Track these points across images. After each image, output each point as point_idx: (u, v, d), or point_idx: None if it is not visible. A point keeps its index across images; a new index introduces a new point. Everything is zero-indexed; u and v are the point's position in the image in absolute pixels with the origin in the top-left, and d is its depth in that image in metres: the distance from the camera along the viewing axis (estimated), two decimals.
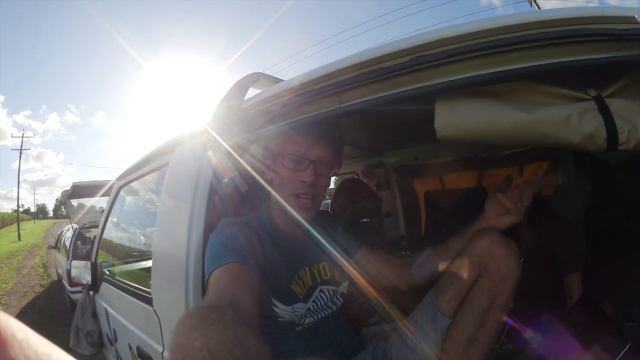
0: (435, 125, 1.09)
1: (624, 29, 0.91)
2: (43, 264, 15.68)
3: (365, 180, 3.60)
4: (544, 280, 2.31)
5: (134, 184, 2.88)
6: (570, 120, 0.99)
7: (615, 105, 0.99)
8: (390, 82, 1.14)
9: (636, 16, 0.89)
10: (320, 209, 1.65)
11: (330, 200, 3.40)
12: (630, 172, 2.34)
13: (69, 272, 6.66)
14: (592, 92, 1.02)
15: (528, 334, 1.93)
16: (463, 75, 1.04)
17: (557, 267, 2.24)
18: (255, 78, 1.59)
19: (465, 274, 1.52)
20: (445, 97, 1.09)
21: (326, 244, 1.61)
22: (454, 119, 1.08)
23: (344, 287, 1.68)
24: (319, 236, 1.59)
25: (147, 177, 2.54)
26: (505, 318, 1.56)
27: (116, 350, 2.60)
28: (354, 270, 1.66)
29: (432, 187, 3.65)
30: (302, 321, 1.49)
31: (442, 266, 1.59)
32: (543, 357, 1.88)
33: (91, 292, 3.15)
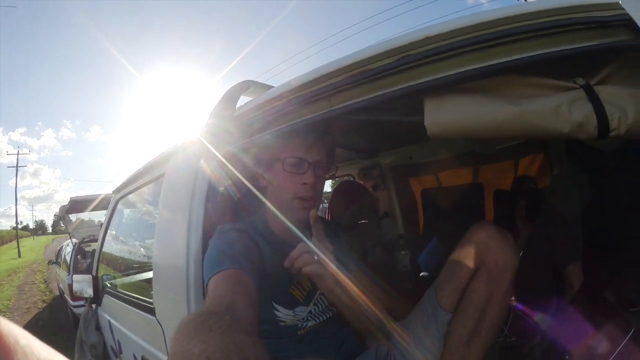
0: (425, 124, 1.10)
1: (608, 16, 0.92)
2: (44, 279, 15.66)
3: (362, 182, 3.60)
4: (544, 272, 2.31)
5: (131, 196, 2.88)
6: (559, 110, 0.99)
7: (604, 92, 0.99)
8: (379, 83, 1.15)
9: (620, 2, 0.90)
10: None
11: (327, 204, 3.40)
12: (624, 159, 2.35)
13: (70, 286, 6.64)
14: (581, 81, 1.02)
15: (538, 316, 1.93)
16: (450, 72, 1.05)
17: (556, 258, 2.24)
18: (246, 86, 1.60)
19: (462, 268, 1.53)
20: (434, 95, 1.10)
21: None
22: (444, 116, 1.08)
23: None
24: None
25: (144, 189, 2.55)
26: (505, 310, 1.58)
27: None
28: (352, 275, 1.67)
29: (428, 185, 3.64)
30: (304, 325, 1.49)
31: None
32: (547, 346, 1.89)
33: (94, 305, 3.15)
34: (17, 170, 48.28)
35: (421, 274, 2.81)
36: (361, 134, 2.63)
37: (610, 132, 0.99)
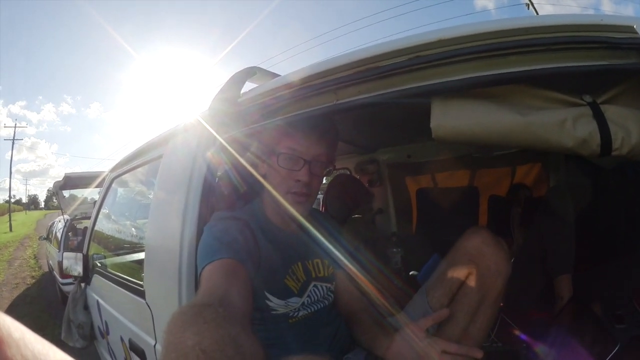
0: (431, 126, 1.10)
1: (622, 38, 0.92)
2: (34, 255, 15.59)
3: (358, 176, 3.60)
4: (534, 281, 2.32)
5: (127, 176, 2.87)
6: (564, 124, 1.00)
7: (610, 111, 1.00)
8: (387, 81, 1.15)
9: (634, 26, 0.90)
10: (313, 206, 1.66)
11: (322, 196, 3.40)
12: (622, 177, 2.36)
13: (60, 263, 6.63)
14: (588, 98, 1.03)
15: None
16: (460, 76, 1.05)
17: (548, 267, 2.26)
18: (252, 72, 1.59)
19: (455, 271, 1.55)
20: (442, 97, 1.10)
21: (320, 240, 1.61)
22: (450, 119, 1.08)
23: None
24: (313, 232, 1.59)
25: (140, 169, 2.53)
26: (495, 315, 1.58)
27: (108, 343, 2.59)
28: (346, 267, 1.67)
29: (424, 184, 3.66)
30: (295, 314, 1.49)
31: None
32: (533, 357, 1.90)
33: (83, 284, 3.14)
34: (13, 143, 48.06)
35: (411, 273, 2.81)
36: (362, 128, 2.63)
37: (613, 151, 1.00)
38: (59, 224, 9.08)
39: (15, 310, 7.35)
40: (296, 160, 1.45)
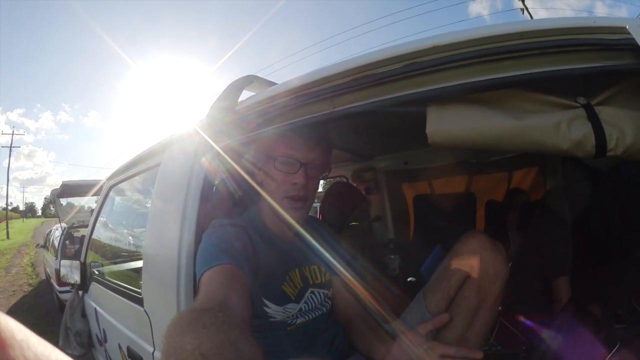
0: (427, 131, 1.11)
1: (614, 39, 0.93)
2: (31, 263, 15.53)
3: (355, 184, 3.61)
4: (532, 283, 2.33)
5: (125, 184, 2.86)
6: (559, 127, 1.00)
7: (604, 112, 1.00)
8: (383, 88, 1.16)
9: (627, 27, 0.91)
10: (310, 214, 1.66)
11: (319, 204, 3.40)
12: (617, 179, 2.37)
13: (57, 271, 6.61)
14: (582, 100, 1.03)
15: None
16: (455, 82, 1.06)
17: (546, 270, 2.26)
18: (249, 80, 1.60)
19: (453, 275, 1.55)
20: (437, 103, 1.10)
21: (317, 247, 1.62)
22: (446, 125, 1.09)
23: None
24: (310, 239, 1.60)
25: (138, 178, 2.53)
26: (494, 318, 1.59)
27: (105, 351, 2.58)
28: (343, 274, 1.67)
29: (421, 191, 3.66)
30: (293, 321, 1.49)
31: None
32: (532, 359, 1.90)
33: (80, 292, 3.13)
34: (10, 150, 48.03)
35: (409, 279, 2.82)
36: (358, 136, 2.64)
37: (608, 152, 1.00)
38: (57, 232, 9.07)
39: (13, 318, 7.33)
40: (292, 163, 1.46)
